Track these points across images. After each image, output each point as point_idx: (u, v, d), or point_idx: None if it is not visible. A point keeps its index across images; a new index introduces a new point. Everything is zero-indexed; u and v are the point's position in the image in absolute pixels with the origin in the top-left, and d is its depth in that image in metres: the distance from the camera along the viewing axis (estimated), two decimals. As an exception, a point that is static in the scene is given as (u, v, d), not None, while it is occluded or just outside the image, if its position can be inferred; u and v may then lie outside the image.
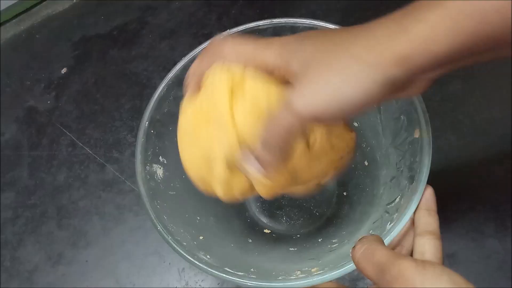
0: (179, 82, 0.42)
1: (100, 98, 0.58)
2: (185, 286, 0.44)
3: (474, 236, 0.42)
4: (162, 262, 0.46)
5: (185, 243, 0.34)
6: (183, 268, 0.45)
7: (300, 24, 0.42)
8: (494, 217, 0.43)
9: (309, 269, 0.35)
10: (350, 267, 0.30)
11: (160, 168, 0.40)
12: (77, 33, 0.65)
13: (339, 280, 0.41)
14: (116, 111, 0.57)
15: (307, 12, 0.57)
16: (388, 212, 0.35)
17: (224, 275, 0.32)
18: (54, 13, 0.69)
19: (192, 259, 0.32)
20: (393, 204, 0.35)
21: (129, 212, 0.49)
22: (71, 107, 0.59)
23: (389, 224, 0.33)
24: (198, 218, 0.41)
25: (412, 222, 0.30)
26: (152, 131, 0.39)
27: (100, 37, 0.64)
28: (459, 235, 0.43)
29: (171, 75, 0.41)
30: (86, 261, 0.47)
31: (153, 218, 0.35)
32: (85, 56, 0.63)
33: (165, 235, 0.34)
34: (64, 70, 0.62)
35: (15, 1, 0.68)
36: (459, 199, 0.44)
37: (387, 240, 0.30)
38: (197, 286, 0.44)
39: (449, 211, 0.44)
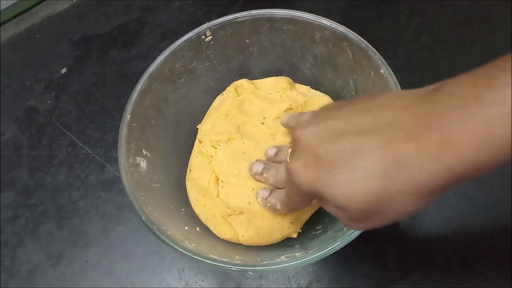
0: (160, 76, 0.42)
1: (100, 98, 0.58)
2: (185, 286, 0.44)
3: (474, 236, 0.42)
4: (162, 262, 0.46)
5: (170, 233, 0.35)
6: (183, 268, 0.45)
7: (278, 15, 0.42)
8: (495, 216, 0.43)
9: (294, 253, 0.36)
10: (332, 248, 0.31)
11: (143, 161, 0.40)
12: (77, 33, 0.65)
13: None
14: (116, 111, 0.57)
15: (307, 12, 0.57)
16: None
17: (209, 261, 0.32)
18: (54, 13, 0.69)
19: (177, 247, 0.33)
20: None
21: (129, 212, 0.49)
22: (71, 107, 0.58)
23: None
24: (184, 209, 0.41)
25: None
26: (134, 125, 0.40)
27: (100, 37, 0.64)
28: (459, 233, 0.43)
29: (151, 69, 0.42)
30: (86, 261, 0.47)
31: (137, 208, 0.35)
32: (85, 56, 0.63)
33: (149, 224, 0.34)
34: (64, 70, 0.62)
35: (15, 1, 0.67)
36: (458, 197, 0.44)
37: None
38: (197, 286, 0.44)
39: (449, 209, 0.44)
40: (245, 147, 0.40)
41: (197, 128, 0.45)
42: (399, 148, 0.22)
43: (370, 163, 0.23)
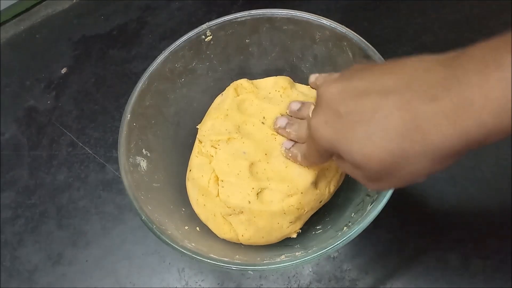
0: (160, 75, 0.42)
1: (100, 98, 0.58)
2: (185, 286, 0.44)
3: (474, 236, 0.42)
4: (162, 262, 0.46)
5: (170, 232, 0.35)
6: (183, 268, 0.45)
7: (278, 15, 0.42)
8: (495, 216, 0.43)
9: (294, 253, 0.36)
10: (332, 248, 0.31)
11: (143, 160, 0.40)
12: (77, 33, 0.65)
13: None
14: (116, 111, 0.57)
15: (307, 12, 0.57)
16: (369, 195, 0.36)
17: (209, 261, 0.32)
18: (54, 13, 0.69)
19: (177, 247, 0.33)
20: None
21: (129, 212, 0.49)
22: (71, 107, 0.59)
23: (370, 205, 0.34)
24: (183, 209, 0.41)
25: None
26: (134, 124, 0.40)
27: (100, 37, 0.64)
28: (459, 234, 0.43)
29: (151, 69, 0.42)
30: (86, 261, 0.47)
31: (137, 208, 0.35)
32: (85, 56, 0.63)
33: (149, 224, 0.34)
34: (64, 70, 0.62)
35: (15, 1, 0.68)
36: (459, 198, 0.44)
37: (368, 221, 0.32)
38: (197, 286, 0.44)
39: (448, 207, 0.44)
40: (245, 147, 0.40)
41: (197, 128, 0.45)
42: (418, 109, 0.23)
43: (389, 122, 0.23)
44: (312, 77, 0.38)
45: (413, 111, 0.23)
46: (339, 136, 0.26)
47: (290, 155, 0.38)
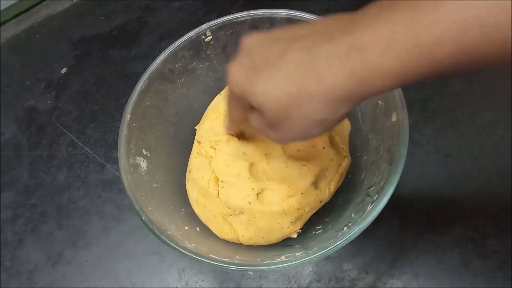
0: (160, 75, 0.42)
1: (100, 98, 0.59)
2: (185, 286, 0.44)
3: (474, 236, 0.42)
4: (162, 262, 0.46)
5: (170, 232, 0.35)
6: (183, 268, 0.45)
7: (278, 15, 0.42)
8: (495, 216, 0.43)
9: (294, 253, 0.36)
10: (332, 248, 0.31)
11: (143, 161, 0.40)
12: (77, 33, 0.65)
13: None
14: (116, 111, 0.57)
15: (307, 12, 0.57)
16: (369, 195, 0.36)
17: (210, 261, 0.32)
18: (54, 13, 0.69)
19: (177, 247, 0.33)
20: (373, 187, 0.36)
21: (129, 212, 0.49)
22: (71, 107, 0.59)
23: (370, 205, 0.34)
24: (184, 209, 0.41)
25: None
26: (134, 124, 0.40)
27: (100, 37, 0.64)
28: (459, 234, 0.43)
29: (151, 69, 0.42)
30: (86, 261, 0.47)
31: (137, 208, 0.35)
32: (85, 56, 0.63)
33: (149, 224, 0.34)
34: (64, 70, 0.62)
35: (15, 1, 0.68)
36: (459, 198, 0.44)
37: (368, 221, 0.32)
38: (197, 286, 0.44)
39: (449, 208, 0.44)
40: (245, 147, 0.40)
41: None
42: (316, 50, 0.24)
43: (289, 63, 0.24)
44: None
45: (312, 53, 0.24)
46: (249, 78, 0.26)
47: (227, 131, 0.39)
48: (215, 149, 0.41)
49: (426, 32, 0.20)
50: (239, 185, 0.38)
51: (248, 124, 0.32)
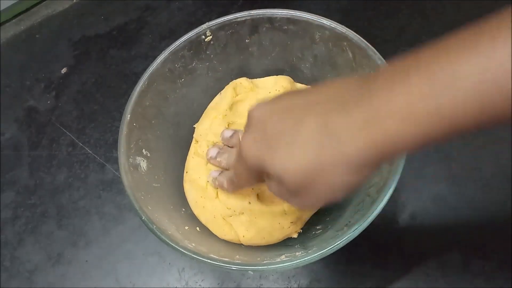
0: (160, 75, 0.42)
1: (100, 98, 0.58)
2: (185, 286, 0.44)
3: (474, 236, 0.42)
4: (162, 262, 0.46)
5: (170, 232, 0.35)
6: (183, 268, 0.45)
7: (278, 15, 0.42)
8: (495, 217, 0.43)
9: (294, 253, 0.36)
10: (332, 247, 0.31)
11: (143, 160, 0.40)
12: (77, 33, 0.65)
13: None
14: (116, 111, 0.57)
15: (307, 12, 0.57)
16: (369, 195, 0.36)
17: (210, 261, 0.32)
18: (54, 13, 0.69)
19: (177, 247, 0.33)
20: (373, 187, 0.36)
21: (129, 212, 0.49)
22: (71, 107, 0.58)
23: (370, 205, 0.34)
24: (184, 209, 0.41)
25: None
26: (134, 124, 0.40)
27: (100, 37, 0.64)
28: (459, 234, 0.43)
29: (151, 69, 0.42)
30: (86, 261, 0.47)
31: (137, 208, 0.35)
32: (85, 56, 0.63)
33: (149, 224, 0.34)
34: (64, 70, 0.62)
35: (15, 1, 0.67)
36: (459, 198, 0.44)
37: (368, 221, 0.32)
38: (197, 286, 0.44)
39: (449, 207, 0.44)
40: None
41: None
42: (334, 121, 0.24)
43: (307, 134, 0.24)
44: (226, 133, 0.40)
45: (329, 123, 0.24)
46: (265, 153, 0.26)
47: (217, 183, 0.39)
48: None
49: (445, 98, 0.20)
50: None
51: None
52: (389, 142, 0.22)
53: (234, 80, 0.46)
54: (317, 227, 0.40)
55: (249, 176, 0.31)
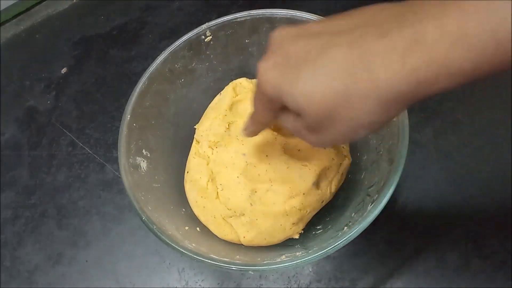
0: (160, 76, 0.42)
1: (100, 98, 0.58)
2: (185, 286, 0.44)
3: (474, 236, 0.42)
4: (162, 262, 0.46)
5: (170, 233, 0.35)
6: (183, 268, 0.45)
7: (278, 15, 0.42)
8: (495, 216, 0.43)
9: (294, 253, 0.36)
10: (333, 247, 0.31)
11: (143, 161, 0.40)
12: (77, 33, 0.65)
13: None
14: (116, 111, 0.57)
15: (307, 12, 0.57)
16: (369, 195, 0.36)
17: (210, 261, 0.32)
18: (54, 13, 0.69)
19: (177, 247, 0.33)
20: (374, 187, 0.36)
21: (129, 212, 0.49)
22: (71, 107, 0.59)
23: (370, 205, 0.34)
24: (184, 209, 0.41)
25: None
26: (134, 125, 0.40)
27: (100, 37, 0.64)
28: (459, 234, 0.43)
29: (151, 69, 0.42)
30: (86, 261, 0.47)
31: (137, 208, 0.35)
32: (85, 56, 0.63)
33: (149, 224, 0.34)
34: (64, 70, 0.62)
35: (15, 1, 0.68)
36: (459, 198, 0.44)
37: (368, 221, 0.32)
38: (197, 286, 0.44)
39: (448, 208, 0.44)
40: (245, 148, 0.40)
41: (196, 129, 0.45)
42: (368, 44, 0.21)
43: (336, 59, 0.22)
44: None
45: (362, 47, 0.21)
46: (285, 77, 0.24)
47: (245, 131, 0.33)
48: (213, 149, 0.41)
49: (505, 25, 0.18)
50: (239, 186, 0.38)
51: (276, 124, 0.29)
52: (432, 72, 0.20)
53: (234, 80, 0.46)
54: (317, 227, 0.40)
55: (267, 109, 0.28)
